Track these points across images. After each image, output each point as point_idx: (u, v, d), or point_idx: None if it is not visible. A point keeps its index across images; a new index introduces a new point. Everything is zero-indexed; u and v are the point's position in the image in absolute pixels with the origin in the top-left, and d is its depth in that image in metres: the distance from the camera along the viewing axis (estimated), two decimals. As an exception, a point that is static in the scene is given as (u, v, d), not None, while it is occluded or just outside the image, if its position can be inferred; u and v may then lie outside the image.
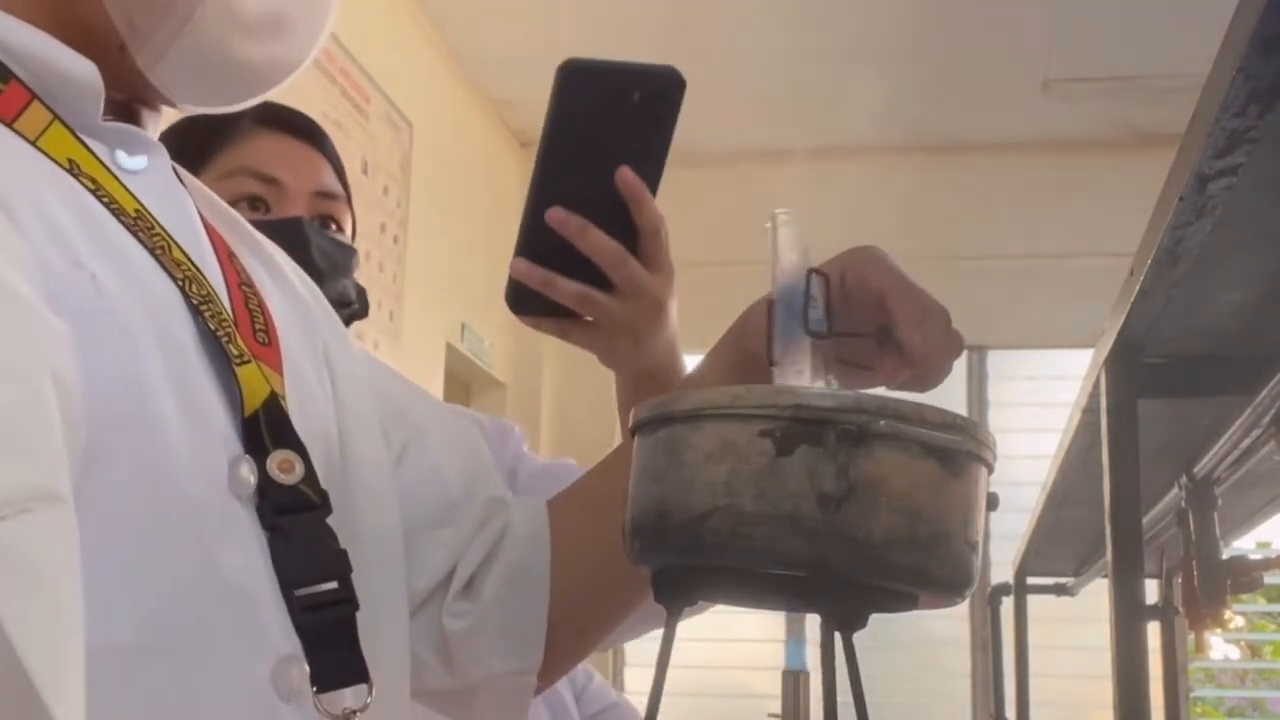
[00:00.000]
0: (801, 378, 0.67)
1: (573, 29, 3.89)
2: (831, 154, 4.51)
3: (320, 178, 1.31)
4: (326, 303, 0.88)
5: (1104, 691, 1.19)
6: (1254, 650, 5.43)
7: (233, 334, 0.69)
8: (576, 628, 0.89)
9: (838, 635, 0.59)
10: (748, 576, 0.61)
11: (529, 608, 0.86)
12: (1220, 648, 4.83)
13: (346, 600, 0.69)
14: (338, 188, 1.32)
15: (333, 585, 0.69)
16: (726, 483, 0.59)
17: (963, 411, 0.62)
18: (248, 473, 0.67)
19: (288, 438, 0.70)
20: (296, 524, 0.68)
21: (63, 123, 0.69)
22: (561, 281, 0.94)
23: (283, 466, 0.69)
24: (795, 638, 0.70)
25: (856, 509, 0.58)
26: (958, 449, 0.60)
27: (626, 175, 0.94)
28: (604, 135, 0.94)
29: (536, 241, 0.94)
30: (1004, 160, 4.48)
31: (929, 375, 0.75)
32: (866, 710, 0.59)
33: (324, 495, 0.70)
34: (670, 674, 0.64)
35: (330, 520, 0.71)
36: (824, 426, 0.58)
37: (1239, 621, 4.51)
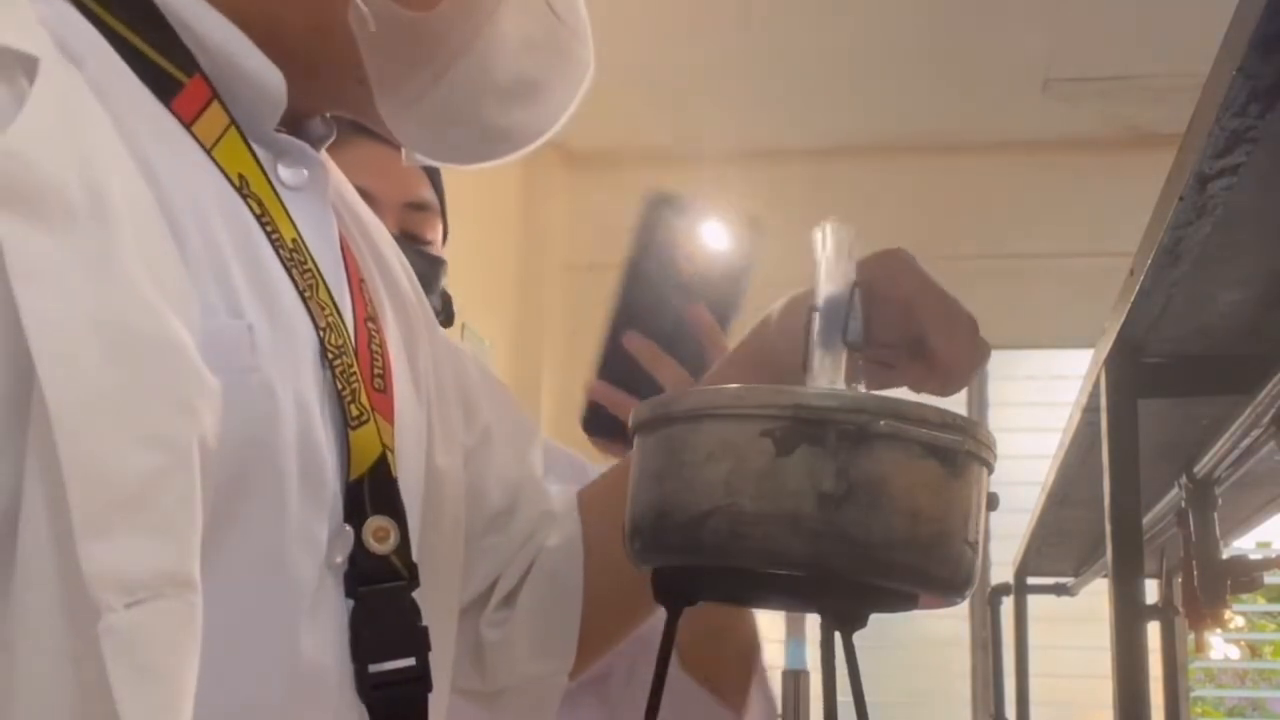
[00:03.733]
0: (835, 386, 0.68)
1: (573, 29, 3.88)
2: (831, 154, 4.51)
3: (412, 188, 1.25)
4: (424, 297, 0.86)
5: (1104, 691, 1.19)
6: (1254, 650, 5.43)
7: (357, 391, 0.67)
8: (606, 627, 0.88)
9: (838, 635, 0.59)
10: (748, 576, 0.61)
11: (563, 613, 0.85)
12: (1220, 648, 4.83)
13: (420, 679, 0.67)
14: (430, 197, 1.27)
15: (409, 662, 0.67)
16: (726, 483, 0.59)
17: (963, 411, 0.62)
18: (344, 543, 0.65)
19: (388, 502, 0.68)
20: (381, 596, 0.66)
21: (238, 129, 0.67)
22: None
23: (378, 535, 0.67)
24: (795, 638, 0.70)
25: (856, 509, 0.58)
26: (958, 449, 0.60)
27: (699, 314, 0.96)
28: (682, 269, 0.98)
29: (614, 364, 0.98)
30: (1004, 160, 4.48)
31: (955, 383, 0.75)
32: (866, 710, 0.59)
33: (413, 568, 0.68)
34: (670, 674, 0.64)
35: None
36: (824, 426, 0.58)
37: (1239, 621, 4.51)
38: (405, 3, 0.67)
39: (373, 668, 0.65)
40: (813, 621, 0.62)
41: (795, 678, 0.69)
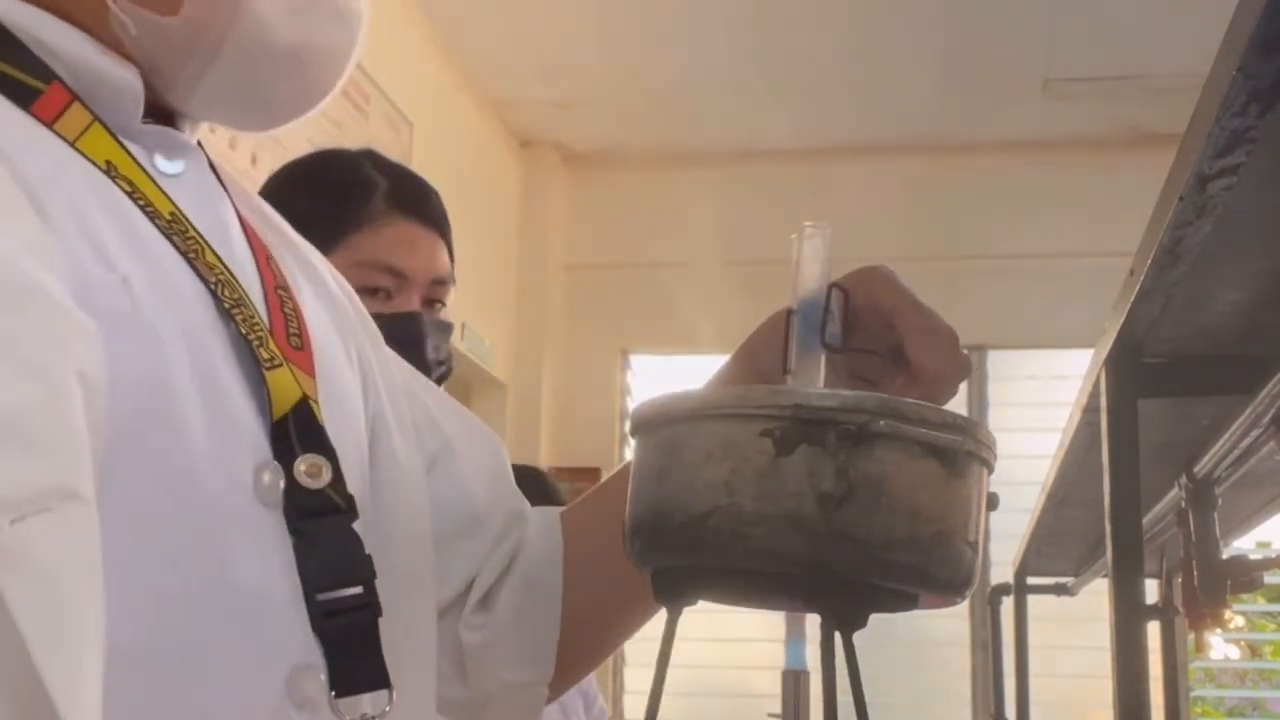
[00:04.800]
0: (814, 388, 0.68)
1: (572, 29, 3.89)
2: (831, 154, 4.51)
3: (438, 265, 1.35)
4: (364, 309, 0.88)
5: (1104, 691, 1.19)
6: (1254, 650, 5.44)
7: (265, 338, 0.69)
8: (588, 639, 0.89)
9: (838, 635, 0.59)
10: (748, 576, 0.61)
11: (542, 621, 0.86)
12: (1220, 648, 4.84)
13: (369, 605, 0.68)
14: (449, 271, 1.36)
15: (356, 590, 0.68)
16: (726, 483, 0.59)
17: (963, 411, 0.62)
18: (273, 477, 0.67)
19: (317, 442, 0.69)
20: (322, 528, 0.68)
21: (102, 124, 0.68)
22: None
23: (310, 471, 0.68)
24: (795, 637, 0.70)
25: (856, 509, 0.58)
26: (958, 449, 0.60)
27: None
28: None
29: None
30: (1004, 160, 4.48)
31: (936, 396, 0.75)
32: (866, 710, 0.59)
33: (350, 500, 0.70)
34: (670, 674, 0.64)
35: (360, 523, 0.70)
36: (824, 426, 0.58)
37: (1239, 621, 4.52)
38: (151, 7, 0.69)
39: (320, 597, 0.67)
40: (813, 621, 0.62)
41: (795, 678, 0.69)
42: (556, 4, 3.77)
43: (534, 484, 0.99)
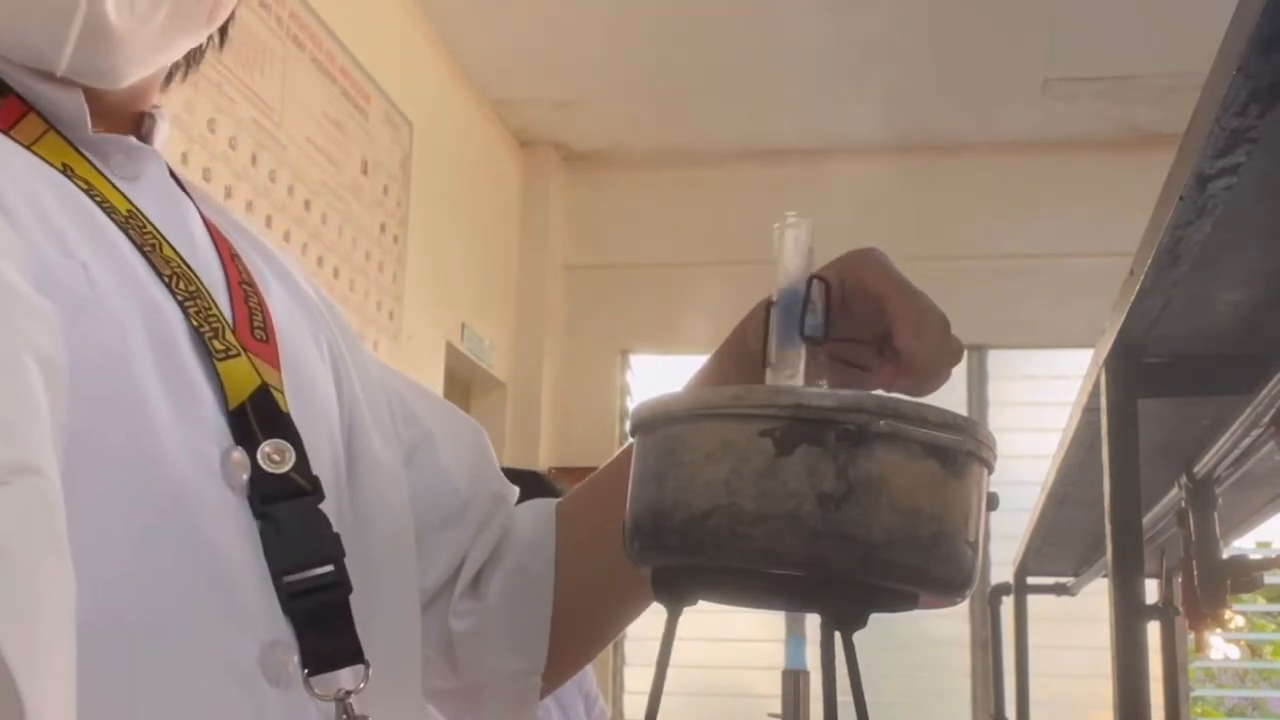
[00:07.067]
0: (794, 380, 0.68)
1: (573, 29, 3.89)
2: (831, 154, 4.51)
3: None
4: (338, 310, 0.89)
5: (1104, 691, 1.19)
6: (1254, 650, 5.44)
7: (220, 329, 0.70)
8: (582, 629, 0.89)
9: (838, 635, 0.59)
10: (748, 576, 0.61)
11: (533, 610, 0.86)
12: (1220, 648, 4.84)
13: (339, 584, 0.69)
14: None
15: (326, 569, 0.69)
16: (726, 482, 0.59)
17: (963, 411, 0.62)
18: (239, 462, 0.68)
19: (279, 428, 0.70)
20: (287, 511, 0.69)
21: (58, 133, 0.70)
22: None
23: (274, 455, 0.69)
24: (795, 636, 0.70)
25: (856, 509, 0.58)
26: (958, 449, 0.60)
27: None
28: None
29: None
30: (1004, 160, 4.48)
31: (927, 382, 0.75)
32: (866, 710, 0.59)
33: (315, 481, 0.71)
34: (670, 674, 0.64)
35: (338, 515, 0.71)
36: (824, 426, 0.58)
37: (1239, 621, 4.52)
38: None
39: (289, 578, 0.68)
40: (813, 621, 0.62)
41: (795, 678, 0.69)
42: (556, 4, 3.77)
43: (534, 486, 0.99)
